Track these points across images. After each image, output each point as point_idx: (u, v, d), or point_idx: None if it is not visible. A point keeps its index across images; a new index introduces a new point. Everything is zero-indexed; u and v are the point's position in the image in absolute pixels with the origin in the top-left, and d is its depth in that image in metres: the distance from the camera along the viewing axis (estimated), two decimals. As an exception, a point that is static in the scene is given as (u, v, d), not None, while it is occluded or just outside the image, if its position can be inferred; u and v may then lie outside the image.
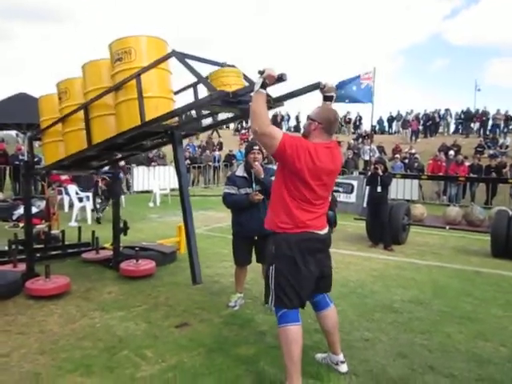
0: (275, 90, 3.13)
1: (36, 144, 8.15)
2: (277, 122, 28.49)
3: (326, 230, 2.82)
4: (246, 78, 4.06)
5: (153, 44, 4.06)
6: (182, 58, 3.68)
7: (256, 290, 4.66)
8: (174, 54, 3.74)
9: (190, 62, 3.72)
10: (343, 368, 2.97)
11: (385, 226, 7.18)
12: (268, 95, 2.68)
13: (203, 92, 3.91)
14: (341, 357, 3.00)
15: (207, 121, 4.87)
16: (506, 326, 3.88)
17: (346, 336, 3.50)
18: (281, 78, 2.68)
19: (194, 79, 3.99)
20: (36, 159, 5.96)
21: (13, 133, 19.38)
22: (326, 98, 2.90)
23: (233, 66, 4.12)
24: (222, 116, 4.64)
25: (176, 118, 4.19)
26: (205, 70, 3.96)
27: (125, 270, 5.16)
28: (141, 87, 3.78)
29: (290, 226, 2.67)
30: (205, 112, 4.42)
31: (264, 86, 2.60)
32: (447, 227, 8.16)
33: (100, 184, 9.75)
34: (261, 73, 2.60)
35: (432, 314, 4.15)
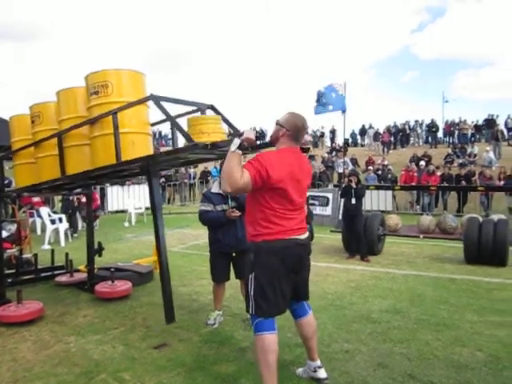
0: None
1: (6, 166, 7.98)
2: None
3: (306, 235, 2.82)
4: (224, 120, 4.14)
5: (130, 78, 4.03)
6: (159, 101, 3.72)
7: (235, 307, 4.63)
8: (151, 97, 3.78)
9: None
10: (321, 374, 2.97)
11: (360, 238, 7.27)
12: (244, 147, 2.68)
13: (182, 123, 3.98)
14: (318, 362, 3.01)
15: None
16: (481, 330, 3.95)
17: (325, 348, 3.51)
18: (258, 138, 2.72)
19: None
20: (6, 181, 5.84)
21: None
22: (302, 150, 3.00)
23: (211, 107, 4.17)
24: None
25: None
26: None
27: (100, 291, 5.05)
28: (117, 124, 3.77)
29: (269, 232, 2.66)
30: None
31: (241, 147, 2.61)
32: (421, 236, 8.30)
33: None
34: (239, 135, 2.63)
35: (410, 322, 4.19)
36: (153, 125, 4.52)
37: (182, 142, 4.10)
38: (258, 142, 2.74)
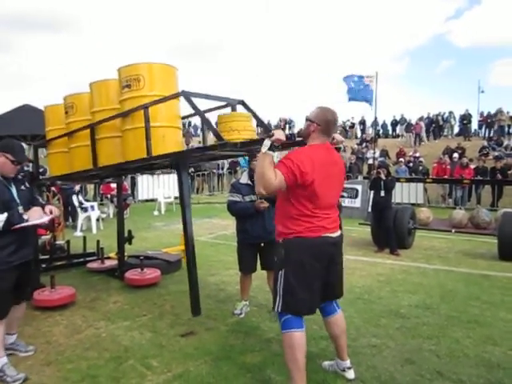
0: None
1: (41, 155, 8.20)
2: (280, 127, 28.58)
3: (338, 233, 2.79)
4: (255, 116, 4.14)
5: (162, 71, 4.04)
6: (190, 97, 3.74)
7: (261, 298, 4.64)
8: (182, 93, 3.80)
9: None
10: (350, 374, 2.94)
11: (390, 231, 7.15)
12: (274, 147, 2.66)
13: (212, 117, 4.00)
14: (348, 363, 2.98)
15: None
16: (514, 329, 3.83)
17: (352, 342, 3.47)
18: (289, 139, 2.71)
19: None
20: (41, 170, 5.99)
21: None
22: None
23: (242, 102, 4.16)
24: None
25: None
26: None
27: (130, 279, 5.16)
28: (148, 118, 3.79)
29: (301, 229, 2.63)
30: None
31: (271, 148, 2.59)
32: (453, 230, 8.08)
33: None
34: (270, 136, 2.61)
35: (440, 318, 4.11)
36: (183, 118, 4.54)
37: (211, 136, 4.12)
38: (289, 141, 2.72)
